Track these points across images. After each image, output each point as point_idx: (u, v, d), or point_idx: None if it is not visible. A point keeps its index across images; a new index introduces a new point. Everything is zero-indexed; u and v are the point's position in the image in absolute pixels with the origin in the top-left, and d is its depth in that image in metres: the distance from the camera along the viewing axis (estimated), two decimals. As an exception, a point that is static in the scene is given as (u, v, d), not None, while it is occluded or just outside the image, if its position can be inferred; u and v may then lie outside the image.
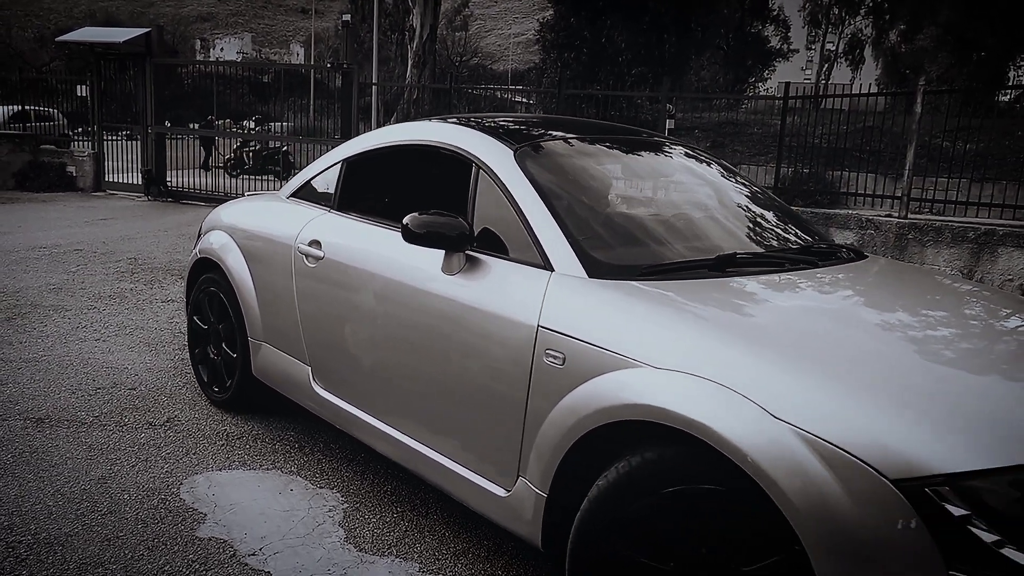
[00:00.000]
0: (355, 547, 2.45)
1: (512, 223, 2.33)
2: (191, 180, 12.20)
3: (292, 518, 2.59)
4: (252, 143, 13.20)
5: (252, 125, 15.20)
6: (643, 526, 1.75)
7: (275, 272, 3.20)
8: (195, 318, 3.76)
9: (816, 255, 2.58)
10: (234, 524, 2.54)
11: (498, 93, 18.51)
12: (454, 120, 2.98)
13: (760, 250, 2.59)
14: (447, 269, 2.37)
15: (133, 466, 2.91)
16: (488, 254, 2.36)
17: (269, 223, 3.37)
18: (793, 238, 2.78)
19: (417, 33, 14.66)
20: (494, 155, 2.52)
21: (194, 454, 3.06)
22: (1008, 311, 2.33)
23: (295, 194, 3.48)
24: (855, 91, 8.86)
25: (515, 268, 2.26)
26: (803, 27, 32.80)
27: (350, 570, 2.32)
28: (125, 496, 2.68)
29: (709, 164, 3.17)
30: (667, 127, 9.08)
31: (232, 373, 3.49)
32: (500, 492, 2.18)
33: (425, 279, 2.44)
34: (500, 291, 2.22)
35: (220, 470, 2.93)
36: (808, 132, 8.88)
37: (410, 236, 2.33)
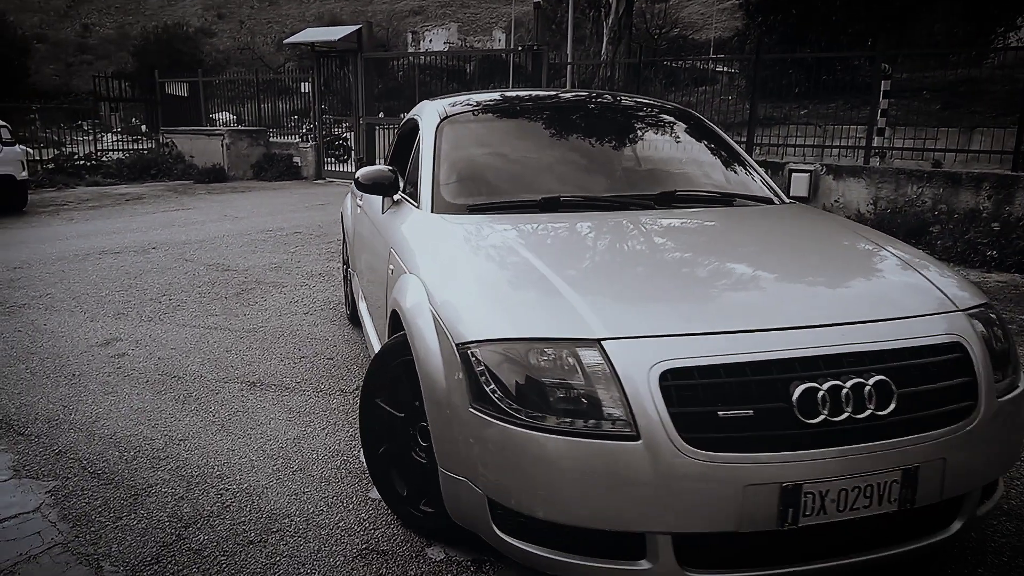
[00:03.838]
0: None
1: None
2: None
3: (456, 488, 2.71)
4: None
5: None
6: (391, 384, 2.39)
7: (353, 221, 4.28)
8: (343, 263, 4.94)
9: (674, 201, 2.84)
10: (404, 489, 2.70)
11: (697, 64, 17.74)
12: (437, 98, 3.62)
13: (604, 193, 2.92)
14: (382, 209, 3.21)
15: (323, 428, 3.21)
16: (406, 198, 3.05)
17: None
18: (690, 187, 3.01)
19: (613, 8, 14.48)
20: (428, 123, 3.22)
21: (376, 421, 3.30)
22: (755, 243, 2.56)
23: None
24: None
25: (408, 208, 2.94)
26: (1069, -38, 27.80)
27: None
28: (313, 456, 2.96)
29: (658, 121, 3.47)
30: (881, 89, 8.18)
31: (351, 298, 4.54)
32: None
33: (376, 217, 3.31)
34: (392, 224, 2.96)
35: (397, 437, 3.14)
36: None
37: (359, 186, 3.11)
